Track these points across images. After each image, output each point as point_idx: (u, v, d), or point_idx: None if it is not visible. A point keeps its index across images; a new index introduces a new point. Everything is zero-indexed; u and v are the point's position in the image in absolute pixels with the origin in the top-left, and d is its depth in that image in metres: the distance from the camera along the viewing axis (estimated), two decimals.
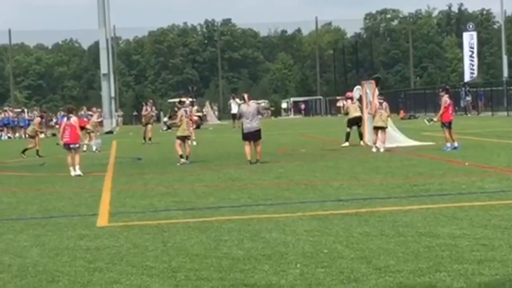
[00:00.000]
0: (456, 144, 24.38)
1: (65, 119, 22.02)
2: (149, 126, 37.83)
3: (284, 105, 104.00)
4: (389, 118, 26.38)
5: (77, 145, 21.46)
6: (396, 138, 27.82)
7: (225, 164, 22.54)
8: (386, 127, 25.59)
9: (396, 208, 12.40)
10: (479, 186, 14.84)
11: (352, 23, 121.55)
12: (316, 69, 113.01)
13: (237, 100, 55.40)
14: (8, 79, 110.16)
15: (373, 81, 29.01)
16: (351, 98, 29.60)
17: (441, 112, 25.26)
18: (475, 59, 79.25)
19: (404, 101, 77.10)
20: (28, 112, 63.02)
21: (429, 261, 8.42)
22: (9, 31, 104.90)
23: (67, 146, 21.29)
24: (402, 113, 65.50)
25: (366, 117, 28.51)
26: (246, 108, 22.47)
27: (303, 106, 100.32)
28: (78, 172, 20.94)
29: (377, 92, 26.90)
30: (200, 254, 9.33)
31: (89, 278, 8.35)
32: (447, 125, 24.71)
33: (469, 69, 78.97)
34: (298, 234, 10.33)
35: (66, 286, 8.06)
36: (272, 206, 13.31)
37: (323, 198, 14.06)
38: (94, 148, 31.66)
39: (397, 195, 14.14)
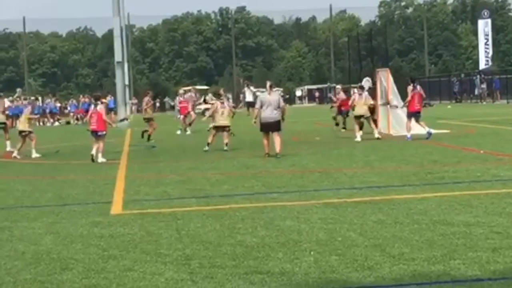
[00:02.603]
0: (409, 135, 24.20)
1: (92, 106, 22.51)
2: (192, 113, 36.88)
3: (298, 93, 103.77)
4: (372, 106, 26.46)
5: (103, 133, 21.85)
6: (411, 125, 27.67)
7: (240, 152, 22.52)
8: (367, 116, 25.66)
9: (411, 196, 12.38)
10: (494, 174, 14.79)
11: (366, 11, 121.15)
12: (331, 57, 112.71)
13: (252, 88, 55.25)
14: (23, 67, 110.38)
15: (387, 69, 29.02)
16: (362, 88, 29.13)
17: (406, 101, 25.12)
18: (490, 47, 78.89)
19: None
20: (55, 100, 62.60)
21: (443, 249, 8.40)
22: (24, 19, 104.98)
23: (93, 133, 21.87)
24: None
25: (379, 105, 28.51)
26: (268, 97, 20.89)
27: (317, 94, 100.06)
28: (101, 159, 21.39)
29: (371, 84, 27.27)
30: (214, 241, 9.33)
31: (103, 265, 8.37)
32: (413, 114, 24.54)
33: (484, 56, 78.68)
34: (312, 222, 10.32)
35: (80, 273, 8.08)
36: (286, 194, 13.30)
37: (337, 186, 14.04)
38: (120, 126, 31.34)
39: (411, 183, 14.11)
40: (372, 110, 27.46)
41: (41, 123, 58.79)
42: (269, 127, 20.70)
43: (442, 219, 10.11)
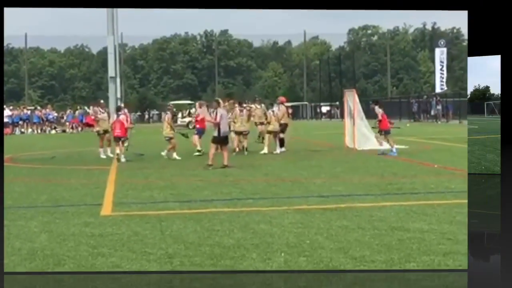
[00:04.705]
0: (394, 149, 24.07)
1: (115, 116, 23.70)
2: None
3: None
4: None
5: (125, 137, 23.07)
6: (372, 141, 27.74)
7: (219, 161, 22.44)
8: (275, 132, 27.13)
9: (372, 204, 12.41)
10: (446, 186, 14.85)
11: (336, 37, 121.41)
12: (303, 78, 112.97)
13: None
14: (24, 79, 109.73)
15: (353, 90, 29.20)
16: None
17: (377, 120, 25.05)
18: (445, 72, 79.35)
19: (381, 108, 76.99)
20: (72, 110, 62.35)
21: (400, 253, 8.43)
22: (26, 35, 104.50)
23: (117, 138, 23.04)
24: None
25: (347, 122, 28.66)
26: (224, 112, 20.95)
27: (290, 110, 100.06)
28: (123, 159, 22.77)
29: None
30: (194, 242, 9.31)
31: (93, 262, 8.32)
32: (385, 132, 24.49)
33: (440, 81, 79.07)
34: (284, 226, 10.32)
35: (71, 269, 8.04)
36: (260, 200, 13.29)
37: (307, 194, 14.04)
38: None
39: (373, 192, 14.14)
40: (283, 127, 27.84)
41: (38, 131, 58.37)
42: (224, 141, 20.65)
43: (399, 226, 10.14)
